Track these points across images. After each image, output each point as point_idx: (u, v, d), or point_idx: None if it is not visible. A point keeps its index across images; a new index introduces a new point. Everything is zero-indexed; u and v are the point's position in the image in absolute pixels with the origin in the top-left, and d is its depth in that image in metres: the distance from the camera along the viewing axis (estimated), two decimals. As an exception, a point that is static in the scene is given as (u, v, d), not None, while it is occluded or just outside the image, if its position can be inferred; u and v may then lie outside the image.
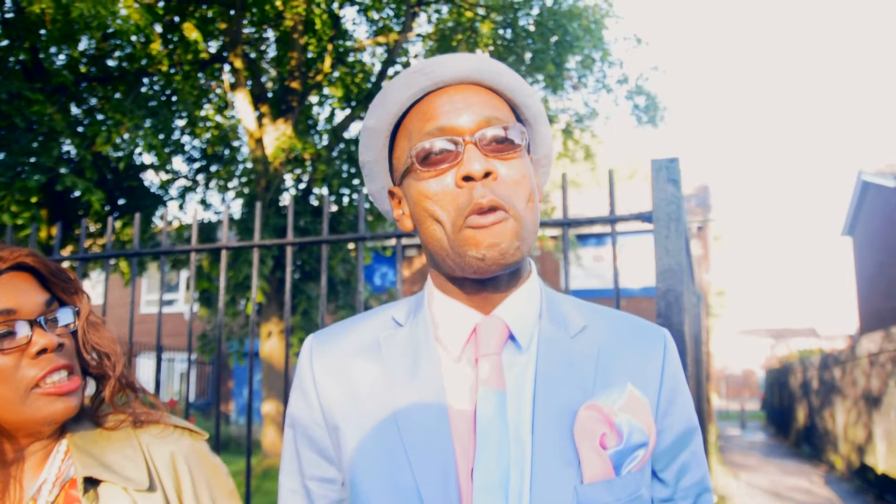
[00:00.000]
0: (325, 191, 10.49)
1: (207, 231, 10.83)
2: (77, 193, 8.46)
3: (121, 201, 10.51)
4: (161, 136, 9.36)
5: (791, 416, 18.42)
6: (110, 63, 9.56)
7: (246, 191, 10.29)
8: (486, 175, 0.86)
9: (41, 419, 0.99)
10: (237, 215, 10.83)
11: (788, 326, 51.25)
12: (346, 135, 10.90)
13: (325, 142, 11.34)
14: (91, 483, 1.01)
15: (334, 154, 10.47)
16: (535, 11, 9.72)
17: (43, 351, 0.99)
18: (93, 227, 10.52)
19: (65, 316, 1.04)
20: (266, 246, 2.52)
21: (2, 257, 1.00)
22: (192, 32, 9.05)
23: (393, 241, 13.72)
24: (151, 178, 11.62)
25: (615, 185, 2.24)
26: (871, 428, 10.20)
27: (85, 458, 1.01)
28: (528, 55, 10.15)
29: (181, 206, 11.97)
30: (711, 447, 11.11)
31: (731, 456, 14.96)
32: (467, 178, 0.87)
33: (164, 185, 11.38)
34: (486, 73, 0.94)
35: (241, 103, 9.57)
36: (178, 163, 11.78)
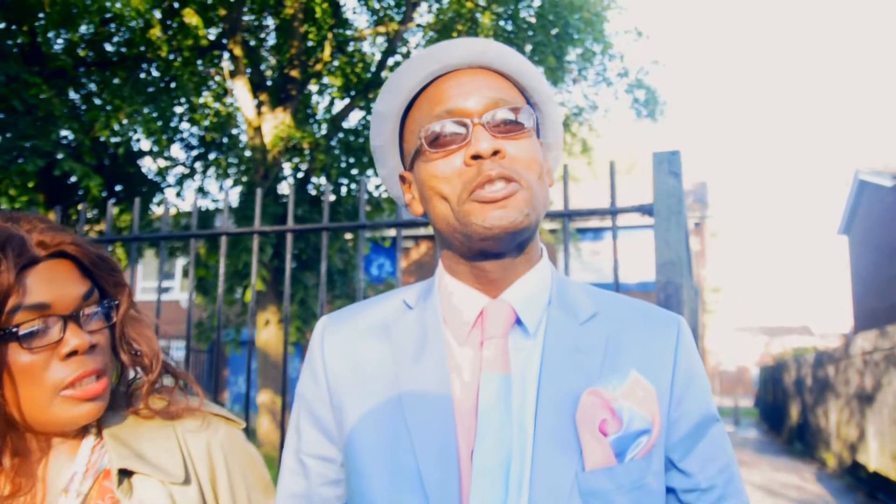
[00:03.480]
0: (323, 180, 10.47)
1: (205, 219, 10.80)
2: (74, 179, 8.43)
3: (118, 187, 10.47)
4: (160, 123, 9.34)
5: (784, 413, 18.49)
6: (109, 48, 9.50)
7: (244, 179, 10.27)
8: (495, 153, 0.87)
9: (64, 422, 0.94)
10: (235, 203, 10.82)
11: (783, 324, 51.42)
12: (345, 124, 10.87)
13: (323, 131, 11.31)
14: (125, 474, 0.97)
15: (333, 143, 10.44)
16: (537, 3, 9.69)
17: (74, 352, 0.93)
18: (90, 214, 10.49)
19: (103, 309, 0.98)
20: (265, 232, 2.52)
21: (42, 242, 0.94)
22: (192, 18, 8.99)
23: (392, 232, 13.68)
24: (149, 165, 11.56)
25: (616, 177, 2.23)
26: (864, 426, 10.26)
27: (120, 449, 0.98)
28: (528, 47, 10.12)
29: (179, 194, 11.94)
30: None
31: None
32: (476, 157, 0.87)
33: (162, 172, 11.34)
34: (495, 56, 0.95)
35: (240, 91, 9.53)
36: (176, 150, 11.72)
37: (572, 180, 15.51)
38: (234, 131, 11.84)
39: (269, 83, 10.66)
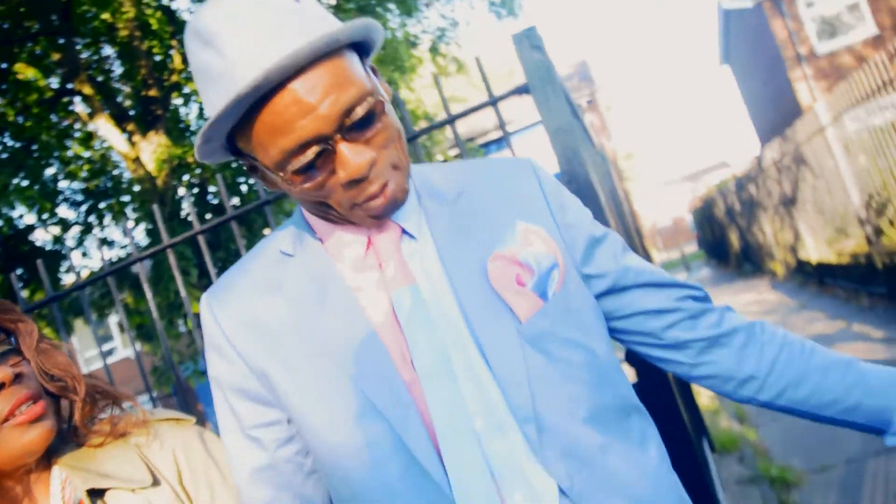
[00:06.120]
0: (219, 179, 10.20)
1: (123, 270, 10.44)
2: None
3: (19, 271, 10.01)
4: (35, 189, 8.91)
5: (726, 244, 19.35)
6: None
7: (142, 213, 9.94)
8: (371, 165, 0.85)
9: (20, 451, 0.97)
10: (144, 242, 10.48)
11: (702, 167, 53.26)
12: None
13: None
14: (97, 494, 1.00)
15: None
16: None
17: (1, 385, 0.96)
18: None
19: (12, 346, 1.02)
20: (176, 244, 2.49)
21: None
22: (26, 72, 8.50)
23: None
24: (42, 237, 11.06)
25: (485, 70, 2.28)
26: (796, 227, 10.87)
27: (83, 474, 1.01)
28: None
29: (85, 254, 11.48)
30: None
31: (685, 299, 15.68)
32: (353, 181, 0.85)
33: (59, 239, 10.87)
34: (324, 46, 0.79)
35: (105, 129, 9.13)
36: (63, 211, 11.20)
37: (457, 102, 15.51)
38: (116, 171, 11.37)
39: (131, 112, 10.22)
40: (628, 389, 1.00)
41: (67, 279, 10.49)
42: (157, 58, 10.45)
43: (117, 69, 10.89)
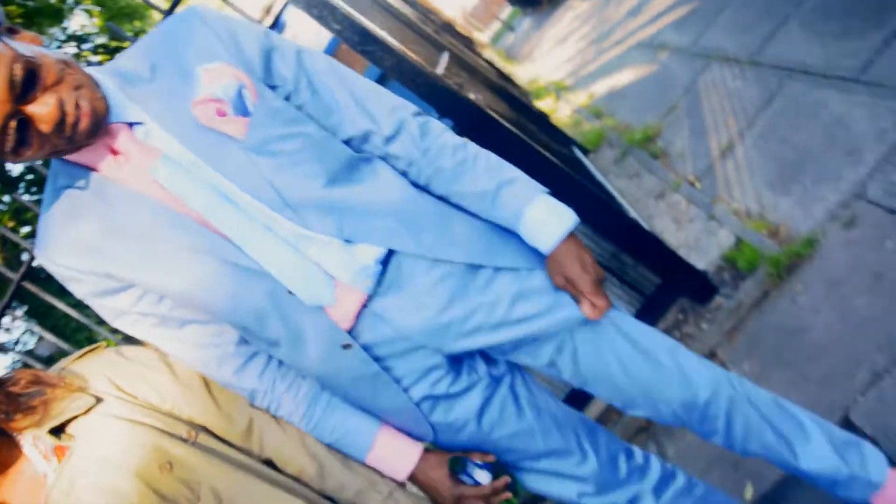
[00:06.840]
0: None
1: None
2: None
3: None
4: None
5: (528, -14, 19.37)
6: None
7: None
8: (59, 104, 0.99)
9: None
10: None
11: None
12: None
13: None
14: (59, 431, 1.15)
15: (24, 193, 9.59)
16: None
17: None
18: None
19: None
20: (25, 274, 2.50)
21: None
22: None
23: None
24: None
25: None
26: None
27: (41, 425, 1.14)
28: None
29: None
30: (503, 61, 11.84)
31: (518, 54, 16.00)
32: (56, 131, 1.00)
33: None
34: None
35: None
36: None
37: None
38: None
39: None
40: (345, 148, 1.20)
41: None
42: None
43: None
